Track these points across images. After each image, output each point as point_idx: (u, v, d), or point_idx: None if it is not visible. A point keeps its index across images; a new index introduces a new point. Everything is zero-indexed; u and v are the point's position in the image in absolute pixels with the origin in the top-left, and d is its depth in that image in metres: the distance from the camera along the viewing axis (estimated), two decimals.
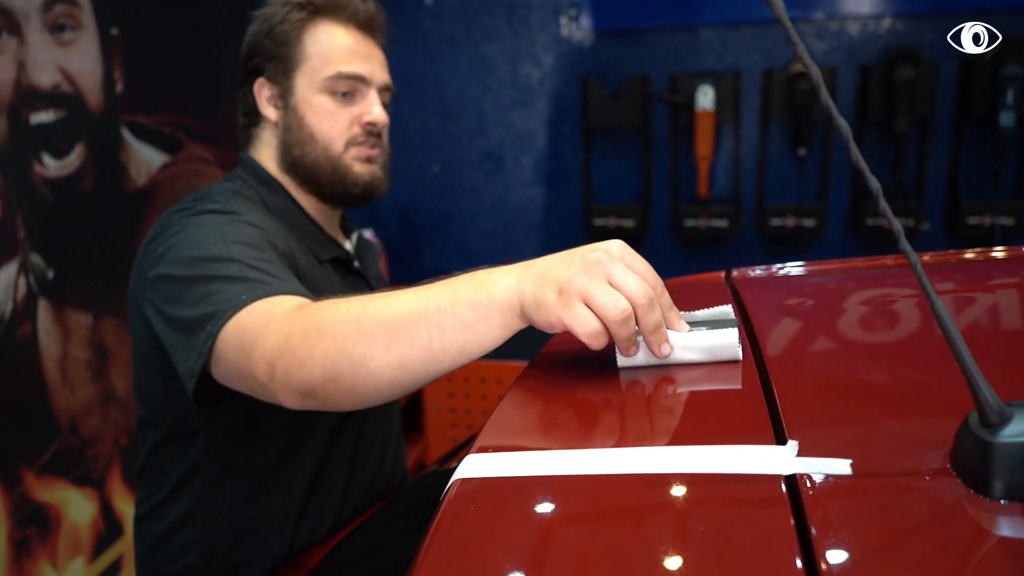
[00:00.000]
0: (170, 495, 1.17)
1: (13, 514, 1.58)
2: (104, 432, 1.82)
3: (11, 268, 1.57)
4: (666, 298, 0.71)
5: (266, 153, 1.26)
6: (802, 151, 2.72)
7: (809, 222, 2.72)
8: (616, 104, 2.80)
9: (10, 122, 1.57)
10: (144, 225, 1.94)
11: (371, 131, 1.24)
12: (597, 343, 0.68)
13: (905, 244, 0.44)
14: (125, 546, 1.88)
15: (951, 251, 1.12)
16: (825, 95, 0.43)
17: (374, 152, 1.25)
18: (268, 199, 1.21)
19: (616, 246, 0.70)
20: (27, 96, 1.61)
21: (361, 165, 1.24)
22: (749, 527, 0.48)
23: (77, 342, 1.75)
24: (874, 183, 0.43)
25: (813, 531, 0.45)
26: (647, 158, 2.86)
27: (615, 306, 0.67)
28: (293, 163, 1.23)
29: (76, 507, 1.75)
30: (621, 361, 0.72)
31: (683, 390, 0.69)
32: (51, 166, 1.67)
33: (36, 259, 1.63)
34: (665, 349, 0.70)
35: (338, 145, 1.22)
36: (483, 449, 0.60)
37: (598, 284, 0.67)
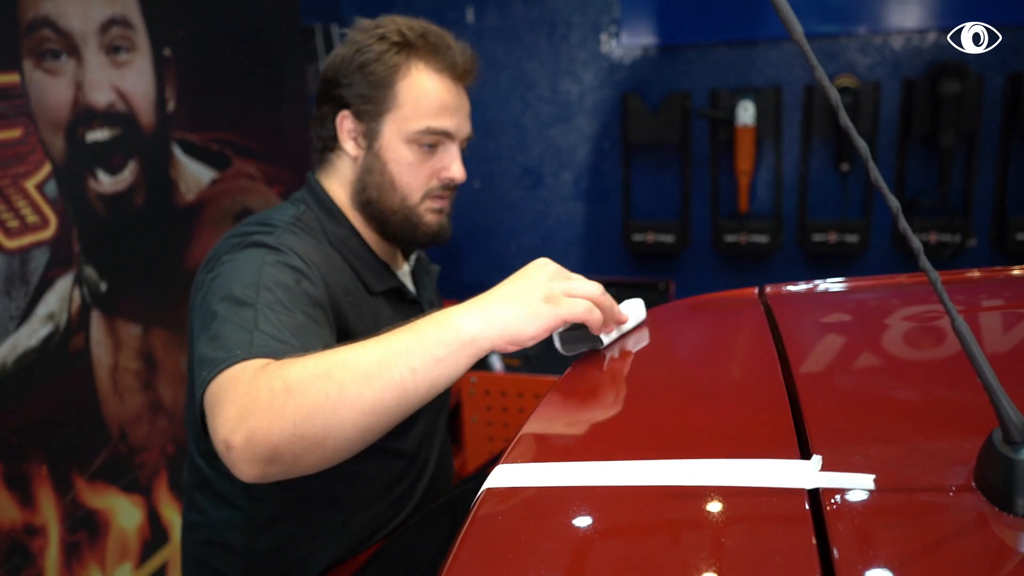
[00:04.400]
0: (214, 506, 1.20)
1: (65, 519, 1.63)
2: (152, 440, 1.87)
3: (67, 280, 1.63)
4: None
5: (337, 182, 1.26)
6: (845, 166, 2.69)
7: (852, 238, 2.69)
8: (656, 119, 2.80)
9: (67, 140, 1.64)
10: (193, 239, 2.00)
11: (448, 185, 1.25)
12: (595, 316, 0.81)
13: (925, 262, 0.45)
14: (170, 553, 1.93)
15: (999, 267, 1.10)
16: (844, 117, 0.43)
17: (445, 204, 1.27)
18: (330, 229, 1.22)
19: (545, 261, 0.85)
20: (84, 115, 1.67)
21: (432, 215, 1.25)
22: (771, 540, 0.48)
23: (127, 352, 1.80)
24: (893, 202, 0.44)
25: (835, 545, 0.45)
26: (687, 173, 2.86)
27: (592, 290, 0.82)
28: (367, 202, 1.23)
29: (124, 513, 1.80)
30: (565, 349, 0.87)
31: (710, 404, 0.69)
32: (105, 182, 1.73)
33: (90, 272, 1.69)
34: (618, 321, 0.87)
35: (416, 196, 1.23)
36: (512, 460, 0.61)
37: (569, 282, 0.83)
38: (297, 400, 0.76)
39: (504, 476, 0.59)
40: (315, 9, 2.84)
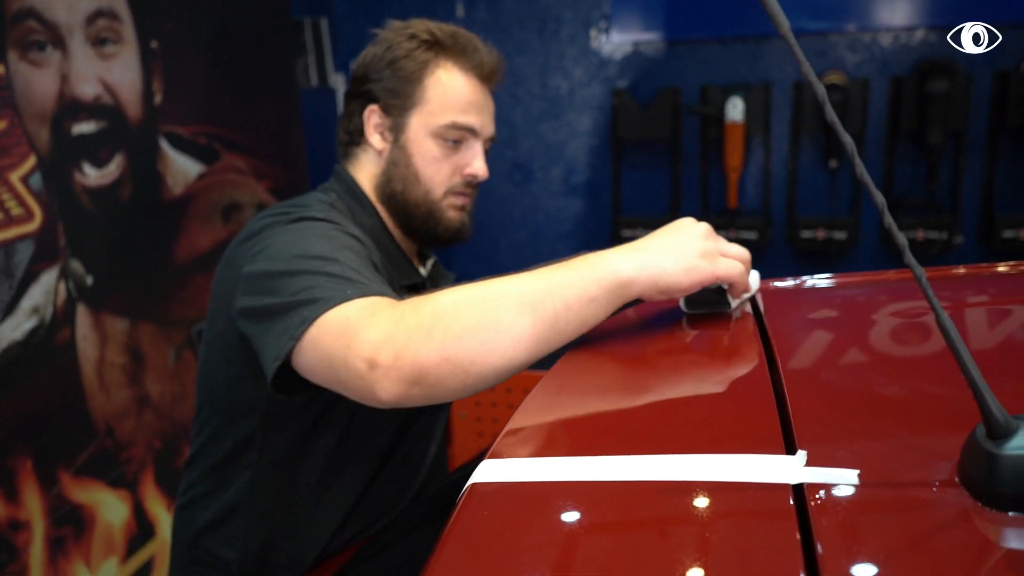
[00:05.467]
0: (215, 487, 1.20)
1: (50, 513, 1.62)
2: (138, 435, 1.86)
3: (52, 274, 1.62)
4: None
5: (363, 175, 1.28)
6: (833, 163, 2.70)
7: (840, 235, 2.70)
8: (646, 116, 2.81)
9: (53, 132, 1.62)
10: (180, 233, 1.99)
11: (470, 182, 1.27)
12: (745, 280, 0.86)
13: (910, 258, 0.45)
14: (156, 547, 1.92)
15: (984, 264, 1.11)
16: (831, 112, 0.43)
17: (467, 201, 1.29)
18: (360, 217, 1.24)
19: (693, 220, 0.86)
20: (69, 107, 1.66)
21: (455, 212, 1.28)
22: (756, 535, 0.48)
23: (114, 347, 1.79)
24: (879, 198, 0.44)
25: (818, 540, 0.45)
26: (676, 170, 2.86)
27: (744, 253, 0.86)
28: (391, 195, 1.26)
29: (110, 508, 1.79)
30: (690, 307, 0.89)
31: (696, 399, 0.70)
32: (91, 175, 1.72)
33: (76, 265, 1.68)
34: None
35: (439, 191, 1.25)
36: (498, 455, 0.61)
37: (724, 243, 0.85)
38: (447, 323, 0.77)
39: (490, 471, 0.59)
40: (305, 3, 2.82)
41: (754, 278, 0.92)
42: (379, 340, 0.80)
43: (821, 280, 1.02)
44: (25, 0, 1.55)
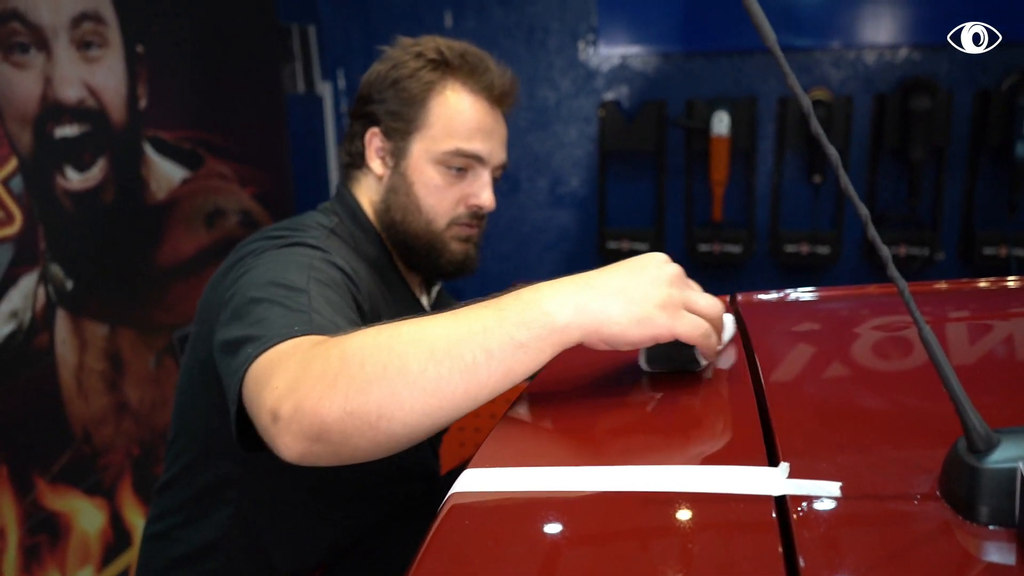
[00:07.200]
0: (192, 520, 1.13)
1: (24, 521, 1.60)
2: (116, 442, 1.84)
3: (31, 278, 1.60)
4: None
5: (365, 199, 1.21)
6: (817, 178, 2.72)
7: (823, 249, 2.72)
8: (632, 128, 2.82)
9: (35, 135, 1.61)
10: (163, 239, 1.97)
11: (476, 213, 1.20)
12: (711, 342, 0.70)
13: (893, 271, 0.45)
14: (133, 557, 1.89)
15: (965, 280, 1.12)
16: (815, 124, 0.44)
17: (473, 232, 1.21)
18: (363, 245, 1.17)
19: (665, 258, 0.73)
20: (52, 110, 1.65)
21: (458, 244, 1.20)
22: (737, 547, 0.48)
23: (93, 352, 1.77)
24: (863, 210, 0.44)
25: (800, 552, 0.45)
26: (662, 182, 2.87)
27: (715, 310, 0.71)
28: (391, 224, 1.19)
29: (86, 516, 1.77)
30: (651, 365, 0.76)
31: (679, 411, 0.69)
32: (74, 179, 1.70)
33: (56, 270, 1.66)
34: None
35: (441, 222, 1.18)
36: (480, 464, 0.61)
37: (692, 293, 0.71)
38: (352, 371, 0.67)
39: (472, 480, 0.58)
40: (293, 9, 2.82)
41: (728, 326, 0.81)
42: (283, 389, 0.70)
43: (805, 293, 1.02)
44: (9, 1, 1.54)
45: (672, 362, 0.75)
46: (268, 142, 2.40)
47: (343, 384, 0.67)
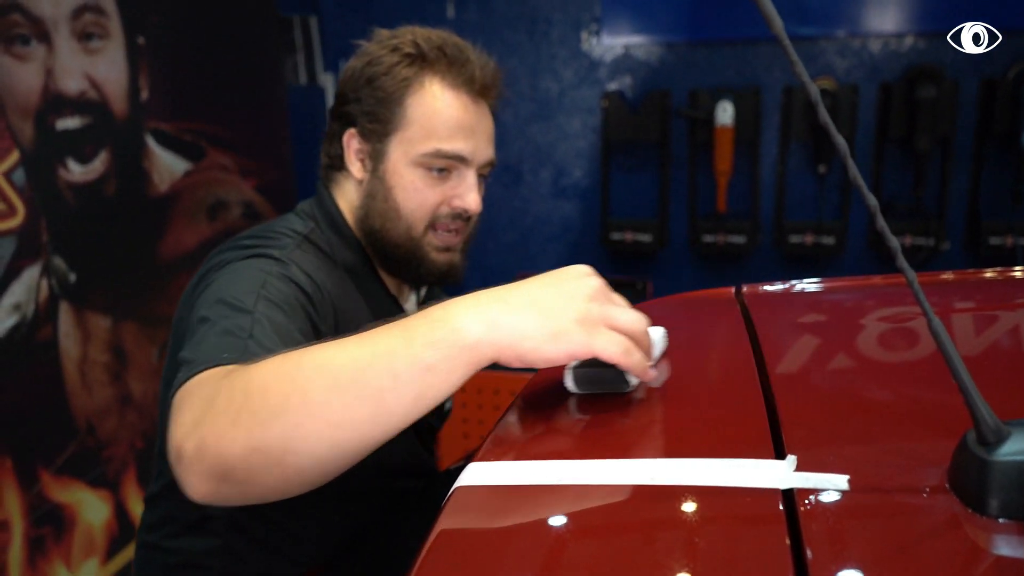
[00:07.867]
0: (183, 532, 1.11)
1: (29, 513, 1.60)
2: (120, 435, 1.84)
3: (34, 270, 1.60)
4: None
5: (344, 203, 1.16)
6: (822, 168, 2.71)
7: (828, 240, 2.71)
8: (635, 118, 2.81)
9: (37, 128, 1.60)
10: (165, 231, 1.97)
11: (459, 216, 1.13)
12: (632, 360, 0.65)
13: (902, 261, 0.44)
14: None
15: (971, 270, 1.11)
16: (823, 113, 0.43)
17: (454, 240, 1.15)
18: (339, 252, 1.12)
19: (588, 270, 0.69)
20: (54, 102, 1.64)
21: (438, 254, 1.14)
22: (745, 540, 0.48)
23: (96, 345, 1.77)
24: (871, 200, 0.44)
25: (808, 545, 0.45)
26: (665, 173, 2.86)
27: (637, 326, 0.66)
28: (371, 232, 1.13)
29: (91, 508, 1.77)
30: (579, 387, 0.72)
31: (685, 403, 0.69)
32: (76, 171, 1.70)
33: (59, 262, 1.66)
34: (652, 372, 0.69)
35: (421, 226, 1.11)
36: (485, 458, 0.60)
37: (613, 308, 0.66)
38: (253, 405, 0.64)
39: (477, 474, 0.58)
40: (294, 1, 2.81)
41: (658, 338, 0.77)
42: (188, 425, 0.66)
43: (810, 284, 1.01)
44: None
45: (598, 383, 0.71)
46: (270, 134, 2.39)
47: (245, 419, 0.63)
